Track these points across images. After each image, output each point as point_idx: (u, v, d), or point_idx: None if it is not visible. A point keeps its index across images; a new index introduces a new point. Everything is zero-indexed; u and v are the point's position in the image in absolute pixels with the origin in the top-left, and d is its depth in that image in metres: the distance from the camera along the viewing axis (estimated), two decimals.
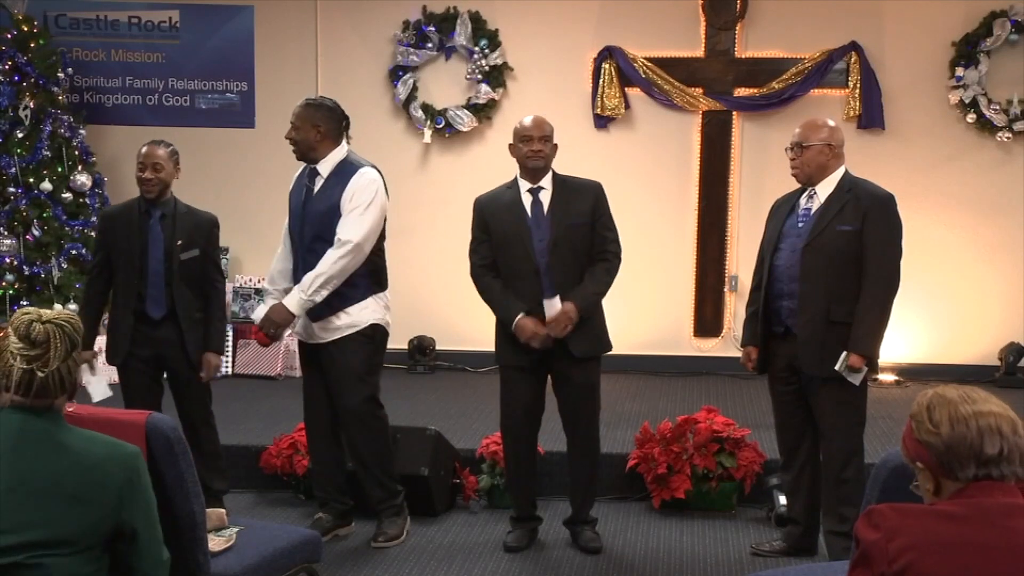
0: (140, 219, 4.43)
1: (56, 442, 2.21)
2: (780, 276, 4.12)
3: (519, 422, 4.40)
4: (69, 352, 2.25)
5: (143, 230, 4.42)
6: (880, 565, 1.90)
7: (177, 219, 4.45)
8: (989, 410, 1.95)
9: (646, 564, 4.29)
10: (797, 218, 4.12)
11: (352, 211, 4.24)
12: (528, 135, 4.27)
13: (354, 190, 4.27)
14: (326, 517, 4.50)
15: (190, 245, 4.46)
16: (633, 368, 7.10)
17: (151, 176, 4.40)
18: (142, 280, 4.41)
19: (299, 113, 4.33)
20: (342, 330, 4.33)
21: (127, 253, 4.43)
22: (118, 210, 4.61)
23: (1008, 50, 7.17)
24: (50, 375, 2.21)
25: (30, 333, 2.21)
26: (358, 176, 4.30)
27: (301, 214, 4.36)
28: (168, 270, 4.41)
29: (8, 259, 6.94)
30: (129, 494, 2.23)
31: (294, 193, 4.46)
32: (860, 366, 3.96)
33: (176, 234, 4.43)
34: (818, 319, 4.01)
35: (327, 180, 4.33)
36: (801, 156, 4.08)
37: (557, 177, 4.35)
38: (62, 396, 2.27)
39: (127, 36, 7.75)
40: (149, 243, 4.42)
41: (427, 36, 7.48)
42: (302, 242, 4.35)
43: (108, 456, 2.23)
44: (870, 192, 4.05)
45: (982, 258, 7.30)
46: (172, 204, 4.47)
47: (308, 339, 4.41)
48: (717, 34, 7.35)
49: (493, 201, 4.37)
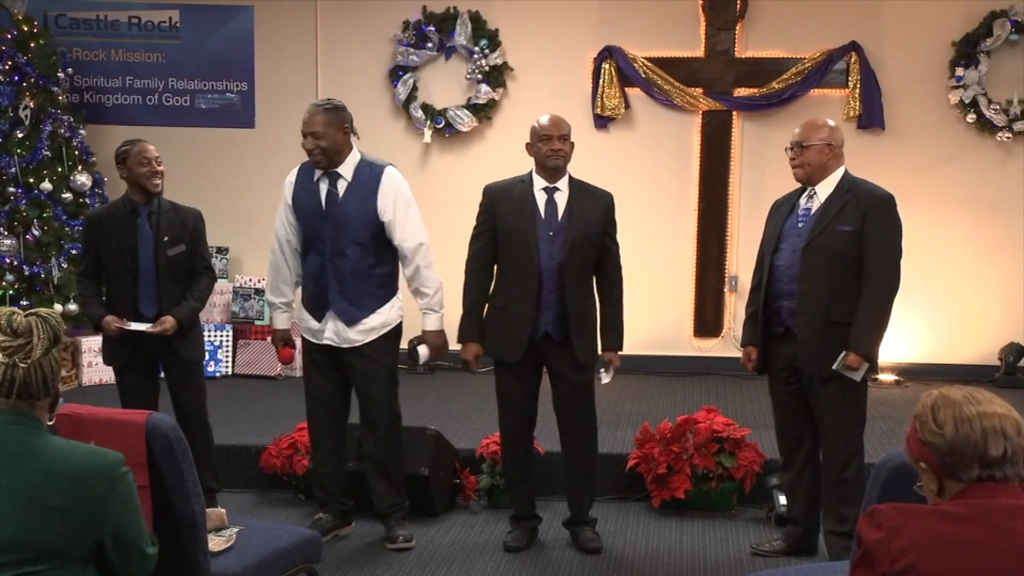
0: (128, 218, 4.45)
1: (37, 451, 2.15)
2: (780, 276, 4.12)
3: (515, 422, 4.41)
4: (52, 344, 2.19)
5: (132, 229, 4.44)
6: (882, 565, 1.90)
7: (162, 215, 4.47)
8: (993, 411, 1.95)
9: (646, 564, 4.29)
10: (797, 218, 4.12)
11: (405, 217, 4.29)
12: (548, 134, 4.27)
13: (393, 194, 4.28)
14: (326, 517, 4.50)
15: (176, 241, 4.47)
16: (633, 368, 7.09)
17: (161, 169, 4.46)
18: (134, 280, 4.42)
19: (322, 120, 4.21)
20: (377, 330, 4.34)
21: (118, 254, 4.44)
22: (103, 212, 4.62)
23: (1008, 50, 7.17)
24: (32, 369, 2.15)
25: (11, 323, 2.17)
26: (387, 178, 4.30)
27: (325, 218, 4.29)
28: (157, 268, 4.43)
29: (8, 259, 6.94)
30: (112, 503, 2.16)
31: (304, 197, 4.34)
32: (859, 365, 3.96)
33: (162, 230, 4.44)
34: (818, 319, 4.01)
35: (352, 183, 4.29)
36: (801, 156, 4.08)
37: (574, 181, 4.35)
38: (44, 399, 2.20)
39: (127, 36, 7.75)
40: (139, 242, 4.43)
41: (427, 36, 7.48)
42: (330, 246, 4.28)
43: (90, 465, 2.16)
44: (870, 192, 4.05)
45: (982, 258, 7.31)
46: (157, 202, 4.49)
47: (341, 343, 4.36)
48: (717, 34, 7.35)
49: (504, 192, 4.36)
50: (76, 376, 6.97)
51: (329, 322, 4.34)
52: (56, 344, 2.21)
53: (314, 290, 4.37)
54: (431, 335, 4.41)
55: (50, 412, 2.25)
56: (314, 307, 4.38)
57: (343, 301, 4.30)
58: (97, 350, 6.80)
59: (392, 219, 4.28)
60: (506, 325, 4.29)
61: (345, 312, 4.31)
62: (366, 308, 4.32)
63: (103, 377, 6.86)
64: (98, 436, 2.80)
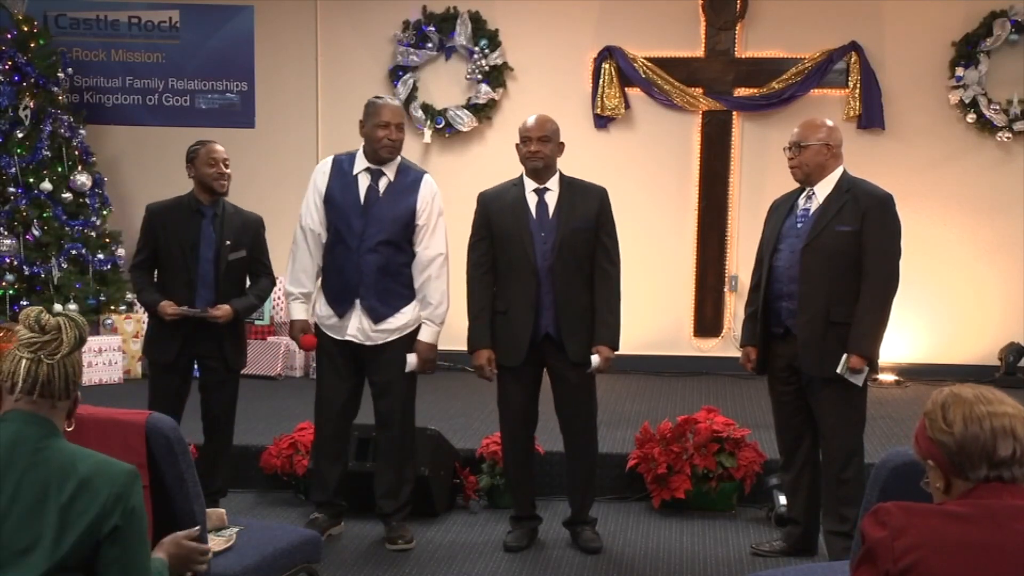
0: (191, 218, 4.42)
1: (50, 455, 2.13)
2: (779, 277, 4.11)
3: (515, 423, 4.40)
4: (78, 345, 2.18)
5: (195, 229, 4.40)
6: (885, 563, 1.89)
7: (226, 219, 4.44)
8: (1004, 411, 1.93)
9: (646, 564, 4.29)
10: (796, 218, 4.12)
11: (435, 226, 4.34)
12: (527, 136, 4.27)
13: (431, 200, 4.34)
14: (322, 517, 4.48)
15: (238, 246, 4.45)
16: (633, 368, 7.10)
17: (228, 171, 4.45)
18: (191, 280, 4.38)
19: (402, 112, 4.37)
20: (401, 330, 4.35)
21: (179, 252, 4.40)
22: (167, 207, 4.50)
23: (1008, 50, 7.18)
24: (56, 367, 2.14)
25: (40, 320, 2.16)
26: (426, 184, 4.36)
27: (363, 213, 4.30)
28: (217, 271, 4.40)
29: (8, 259, 6.94)
30: (116, 510, 2.11)
31: (339, 189, 4.34)
32: (861, 367, 3.96)
33: (225, 234, 4.42)
34: (818, 320, 4.01)
35: (394, 182, 4.33)
36: (799, 156, 4.08)
37: (564, 179, 4.34)
38: (64, 401, 2.19)
39: (127, 36, 7.76)
40: (201, 242, 4.40)
41: (427, 36, 7.48)
42: (362, 241, 4.28)
43: (99, 472, 2.13)
44: (869, 192, 4.05)
45: (982, 258, 7.31)
46: (221, 204, 4.46)
47: (365, 341, 4.35)
48: (717, 34, 7.36)
49: (497, 198, 4.36)
50: None
51: (353, 319, 4.33)
52: (81, 345, 2.21)
53: (339, 284, 4.34)
54: (424, 347, 4.38)
55: (68, 419, 2.23)
56: (338, 302, 4.35)
57: (372, 297, 4.30)
58: (97, 350, 6.82)
59: (424, 224, 4.32)
60: (507, 330, 4.30)
61: (373, 309, 4.30)
62: (393, 306, 4.32)
63: (103, 377, 6.86)
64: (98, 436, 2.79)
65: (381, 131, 4.26)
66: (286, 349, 7.22)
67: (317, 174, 4.42)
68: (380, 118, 4.26)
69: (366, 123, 4.32)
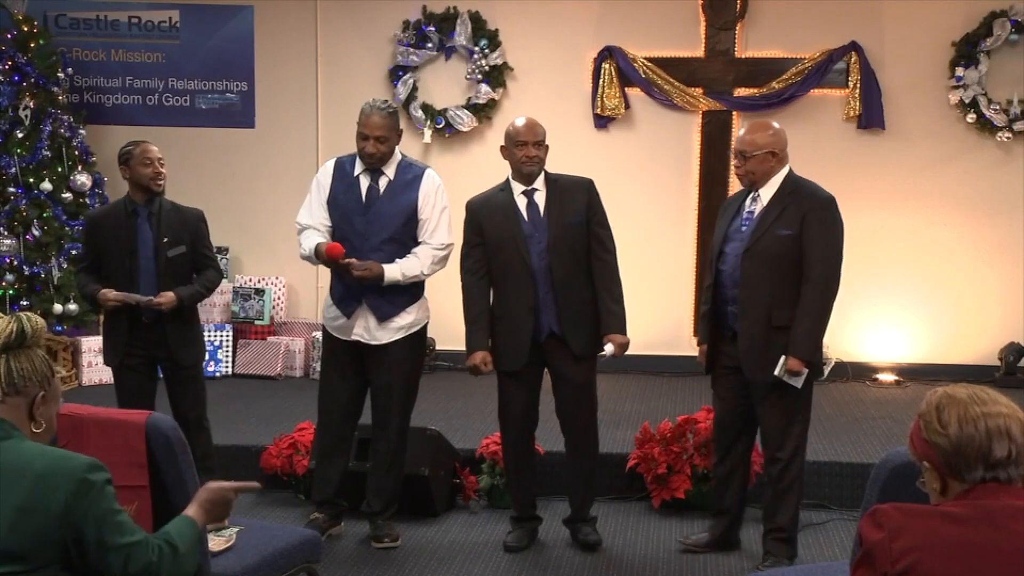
0: (128, 219, 4.45)
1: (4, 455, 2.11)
2: (724, 281, 4.16)
3: (516, 424, 4.41)
4: (15, 341, 2.16)
5: (131, 230, 4.44)
6: (883, 564, 1.89)
7: (163, 216, 4.46)
8: (999, 411, 1.92)
9: (646, 564, 4.29)
10: (741, 221, 4.16)
11: (440, 219, 4.34)
12: (524, 140, 4.28)
13: (433, 194, 4.34)
14: (322, 517, 4.49)
15: (177, 242, 4.47)
16: (633, 368, 7.09)
17: (163, 170, 4.47)
18: (133, 281, 4.41)
19: (386, 124, 4.28)
20: (406, 329, 4.36)
21: (117, 254, 4.44)
22: (103, 212, 4.64)
23: (1008, 50, 7.17)
24: None
25: None
26: (428, 178, 4.36)
27: (364, 212, 4.32)
28: (157, 267, 4.42)
29: (8, 259, 6.94)
30: (77, 504, 2.09)
31: (342, 191, 4.36)
32: (800, 369, 3.98)
33: (163, 231, 4.44)
34: (759, 325, 4.04)
35: (394, 180, 4.34)
36: (745, 165, 4.12)
37: (549, 177, 4.35)
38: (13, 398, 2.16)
39: (127, 36, 7.75)
40: (138, 243, 4.44)
41: (427, 36, 7.48)
42: (365, 240, 4.30)
43: (57, 467, 2.11)
44: (812, 194, 4.08)
45: (982, 258, 7.30)
46: (158, 203, 4.48)
47: (370, 340, 4.36)
48: (717, 34, 7.35)
49: (486, 204, 4.37)
50: (76, 376, 6.97)
51: (359, 319, 4.34)
52: (21, 341, 2.18)
53: (346, 284, 4.35)
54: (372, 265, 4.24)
55: (32, 418, 2.20)
56: (345, 302, 4.37)
57: (377, 296, 4.31)
58: (97, 350, 6.81)
59: (427, 218, 4.33)
60: (506, 334, 4.31)
61: (378, 308, 4.32)
62: (398, 305, 4.34)
63: (103, 377, 6.86)
64: (98, 436, 2.80)
65: (361, 141, 4.30)
66: (286, 349, 7.22)
67: (321, 176, 4.44)
68: (361, 128, 4.30)
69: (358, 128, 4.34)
